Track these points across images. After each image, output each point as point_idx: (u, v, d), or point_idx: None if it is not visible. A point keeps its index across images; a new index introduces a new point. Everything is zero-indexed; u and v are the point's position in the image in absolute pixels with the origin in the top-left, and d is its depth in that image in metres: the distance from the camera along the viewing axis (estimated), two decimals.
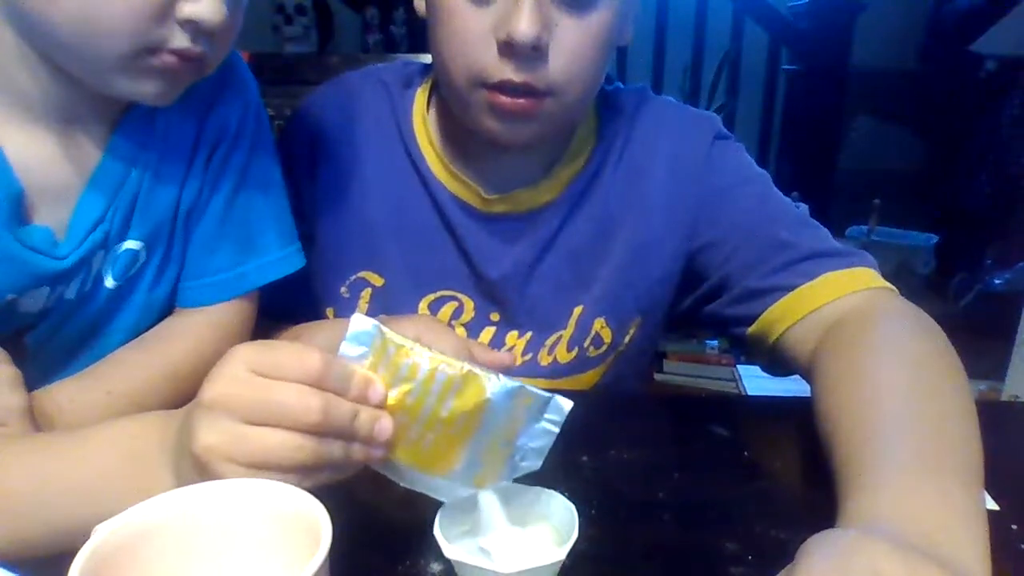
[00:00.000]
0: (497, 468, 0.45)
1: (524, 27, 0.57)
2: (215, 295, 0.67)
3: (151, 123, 0.63)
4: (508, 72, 0.60)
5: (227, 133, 0.66)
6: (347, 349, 0.42)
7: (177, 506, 0.37)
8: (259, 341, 0.42)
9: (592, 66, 0.64)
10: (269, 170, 0.70)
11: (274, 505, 0.37)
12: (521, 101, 0.62)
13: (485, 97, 0.62)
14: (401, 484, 0.45)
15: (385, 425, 0.42)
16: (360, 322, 0.43)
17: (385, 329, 0.43)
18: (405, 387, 0.43)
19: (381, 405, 0.42)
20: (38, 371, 0.63)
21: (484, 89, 0.62)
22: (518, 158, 0.72)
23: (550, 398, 0.45)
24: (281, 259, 0.69)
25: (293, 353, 0.40)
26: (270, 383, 0.39)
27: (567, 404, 0.45)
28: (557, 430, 0.45)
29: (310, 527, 0.35)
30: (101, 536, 0.34)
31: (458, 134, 0.73)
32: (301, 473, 0.40)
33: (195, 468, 0.40)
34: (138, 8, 0.50)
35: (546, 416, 0.45)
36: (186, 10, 0.51)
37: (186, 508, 0.37)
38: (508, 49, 0.59)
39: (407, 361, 0.42)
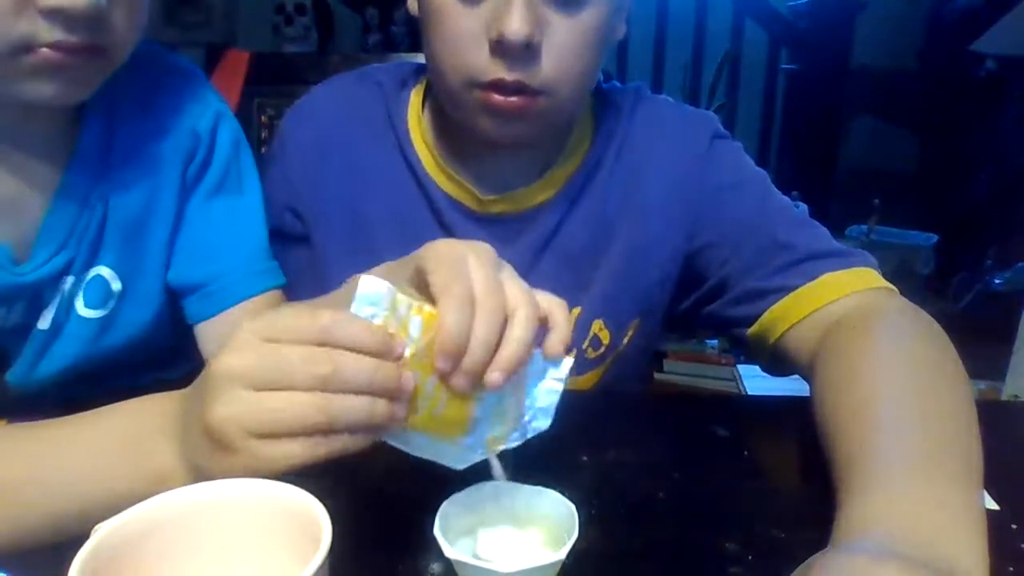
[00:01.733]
0: (508, 428, 0.45)
1: (515, 26, 0.58)
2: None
3: (108, 149, 0.62)
4: (501, 71, 0.60)
5: (199, 147, 0.66)
6: (357, 309, 0.41)
7: (177, 506, 0.37)
8: (268, 311, 0.42)
9: (585, 64, 0.64)
10: (250, 179, 0.70)
11: (274, 505, 0.37)
12: (514, 99, 0.62)
13: (479, 97, 0.62)
14: (411, 454, 0.44)
15: (409, 377, 0.41)
16: (371, 283, 0.41)
17: (395, 289, 0.42)
18: (418, 343, 0.42)
19: (400, 359, 0.41)
20: (30, 408, 0.63)
21: (477, 89, 0.62)
22: (514, 158, 0.72)
23: (555, 355, 0.45)
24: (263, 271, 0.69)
25: (300, 314, 0.40)
26: (278, 346, 0.39)
27: (569, 360, 0.45)
28: (562, 387, 0.45)
29: (310, 527, 0.35)
30: (101, 536, 0.34)
31: (453, 134, 0.73)
32: (318, 437, 0.38)
33: (209, 442, 0.39)
34: None
35: (550, 374, 0.45)
36: None
37: (186, 508, 0.37)
38: (500, 48, 0.59)
39: (418, 318, 0.42)
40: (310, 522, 0.35)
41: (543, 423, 0.46)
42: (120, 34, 0.54)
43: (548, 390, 0.46)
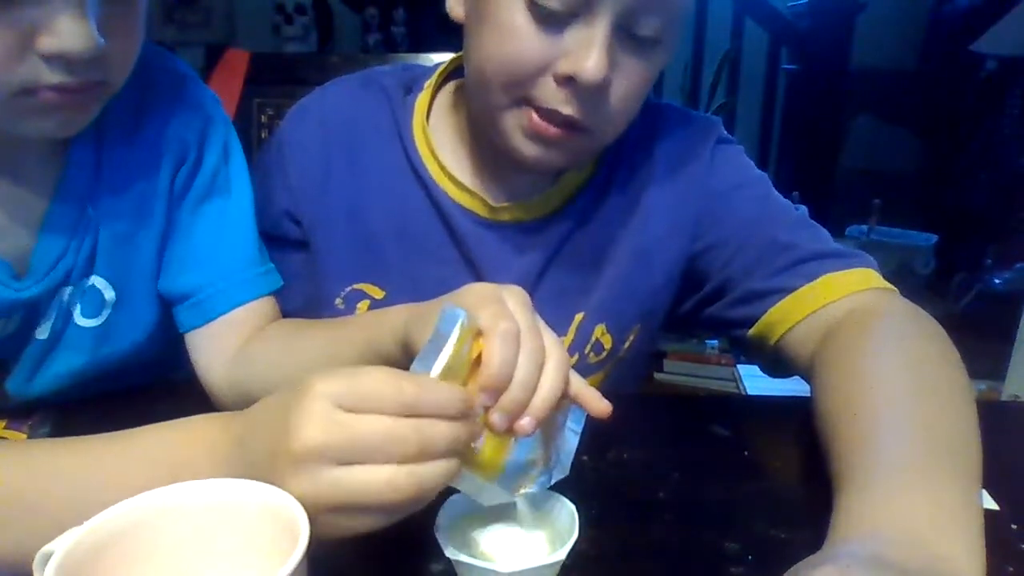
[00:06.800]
0: (536, 474, 0.46)
1: (595, 68, 0.56)
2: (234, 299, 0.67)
3: (97, 174, 0.62)
4: (560, 104, 0.59)
5: (187, 153, 0.65)
6: (432, 344, 0.41)
7: (155, 506, 0.37)
8: (340, 371, 0.39)
9: (637, 106, 0.64)
10: (240, 184, 0.69)
11: (254, 505, 0.37)
12: (562, 131, 0.60)
13: (526, 118, 0.61)
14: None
15: (483, 439, 0.41)
16: (451, 314, 0.42)
17: (468, 323, 0.42)
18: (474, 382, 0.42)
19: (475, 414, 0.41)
20: (29, 414, 0.63)
21: (526, 108, 0.61)
22: (528, 171, 0.71)
23: (571, 405, 0.47)
24: (260, 275, 0.69)
25: (381, 382, 0.38)
26: (358, 419, 0.37)
27: (584, 413, 0.48)
28: (578, 437, 0.48)
29: (290, 526, 0.35)
30: (78, 536, 0.34)
31: (473, 142, 0.72)
32: (406, 507, 0.38)
33: None
34: None
35: (570, 424, 0.47)
36: (45, 44, 0.47)
37: (165, 508, 0.37)
38: (568, 83, 0.58)
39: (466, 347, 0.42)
40: (289, 521, 0.35)
41: (564, 470, 0.47)
42: (119, 65, 0.54)
43: (570, 438, 0.47)
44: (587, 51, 0.56)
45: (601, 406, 0.47)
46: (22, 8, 0.46)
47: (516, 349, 0.43)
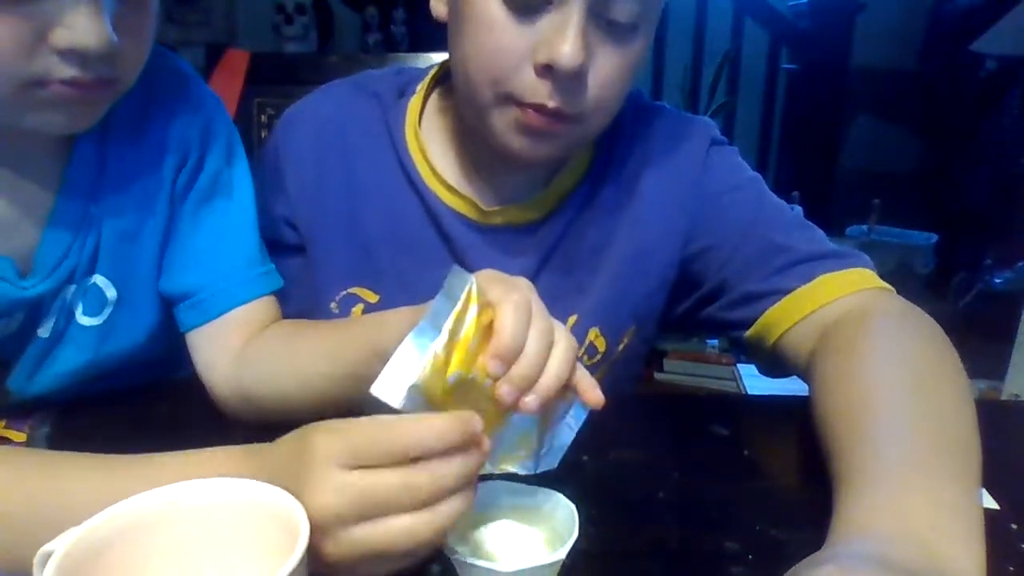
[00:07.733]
0: (523, 455, 0.46)
1: (570, 53, 0.56)
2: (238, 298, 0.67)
3: (100, 172, 0.62)
4: (542, 97, 0.59)
5: (190, 153, 0.65)
6: (441, 303, 0.42)
7: (155, 507, 0.37)
8: (335, 427, 0.39)
9: (622, 93, 0.64)
10: (242, 184, 0.69)
11: (254, 505, 0.37)
12: (551, 120, 0.61)
13: (514, 114, 0.61)
14: None
15: (488, 443, 0.41)
16: (460, 277, 0.43)
17: (477, 288, 0.43)
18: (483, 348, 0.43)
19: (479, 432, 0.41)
20: (29, 413, 0.62)
21: (515, 107, 0.61)
22: (521, 172, 0.71)
23: (574, 399, 0.47)
24: (262, 275, 0.68)
25: (380, 435, 0.38)
26: (367, 479, 0.38)
27: (587, 410, 0.48)
28: (575, 433, 0.48)
29: (290, 526, 0.35)
30: (77, 536, 0.34)
31: (464, 145, 0.72)
32: (430, 547, 0.39)
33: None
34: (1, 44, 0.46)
35: (569, 417, 0.47)
36: (60, 38, 0.47)
37: (165, 509, 0.37)
38: (547, 72, 0.58)
39: (473, 310, 0.42)
40: (289, 521, 0.35)
41: (552, 462, 0.48)
42: (130, 63, 0.54)
43: (565, 432, 0.48)
44: (562, 37, 0.56)
45: (594, 395, 0.47)
46: (38, 2, 0.46)
47: (527, 320, 0.43)
